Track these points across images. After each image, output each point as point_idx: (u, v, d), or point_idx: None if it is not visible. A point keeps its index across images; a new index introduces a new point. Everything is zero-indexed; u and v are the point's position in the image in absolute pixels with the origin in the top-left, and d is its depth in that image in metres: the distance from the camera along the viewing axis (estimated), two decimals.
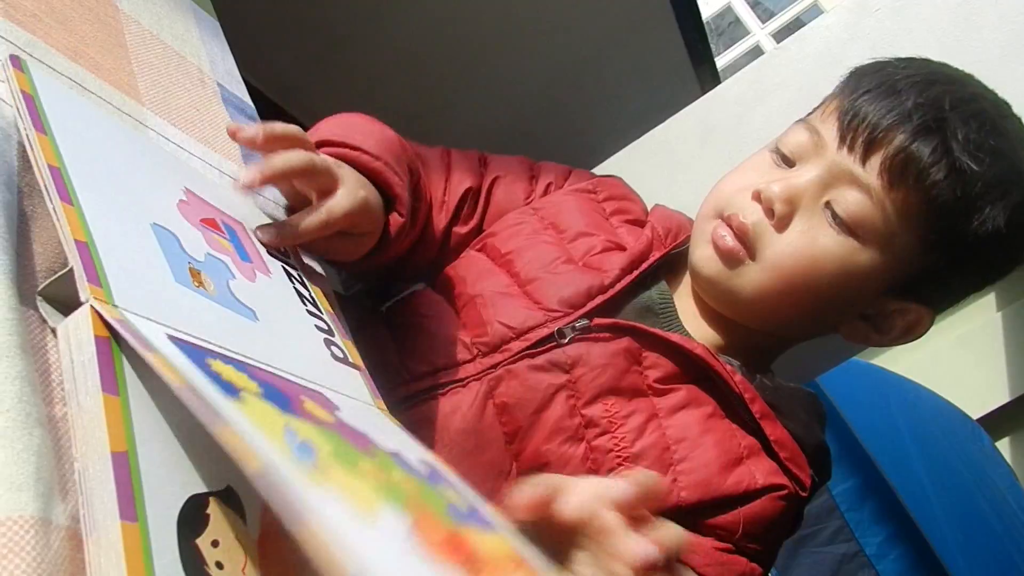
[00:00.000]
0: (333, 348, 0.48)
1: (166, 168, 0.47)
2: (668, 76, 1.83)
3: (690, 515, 0.60)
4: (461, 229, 0.74)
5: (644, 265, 0.68)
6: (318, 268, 0.56)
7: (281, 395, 0.36)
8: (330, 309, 0.53)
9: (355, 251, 0.58)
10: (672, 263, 0.72)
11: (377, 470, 0.35)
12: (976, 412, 2.84)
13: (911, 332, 0.66)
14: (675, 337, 0.63)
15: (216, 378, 0.32)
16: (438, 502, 0.36)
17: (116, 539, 0.27)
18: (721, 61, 5.55)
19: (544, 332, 0.64)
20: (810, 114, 0.69)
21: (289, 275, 0.51)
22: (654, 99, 1.62)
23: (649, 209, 0.78)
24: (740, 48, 5.93)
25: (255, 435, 0.29)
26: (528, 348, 0.63)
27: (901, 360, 2.88)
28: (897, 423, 2.44)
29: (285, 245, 0.52)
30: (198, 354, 0.33)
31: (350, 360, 0.49)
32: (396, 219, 0.61)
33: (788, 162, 0.65)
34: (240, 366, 0.36)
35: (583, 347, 0.63)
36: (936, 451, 2.46)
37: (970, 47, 1.07)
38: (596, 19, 1.70)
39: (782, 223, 0.62)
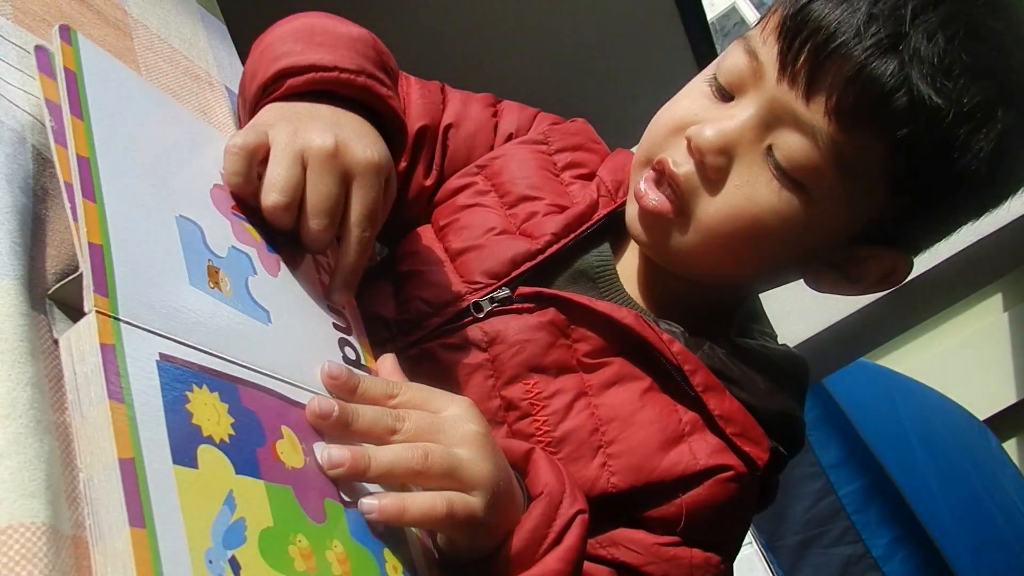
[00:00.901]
0: (347, 349, 0.48)
1: (208, 147, 0.46)
2: (673, 77, 1.82)
3: (625, 506, 0.55)
4: (424, 180, 0.66)
5: (583, 227, 0.60)
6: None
7: (257, 430, 0.36)
8: (353, 302, 0.52)
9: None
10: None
11: (308, 551, 0.34)
12: (983, 413, 2.82)
13: (888, 279, 0.58)
14: (601, 306, 0.57)
15: (181, 425, 0.31)
16: None
17: (124, 546, 0.27)
18: None
19: (461, 305, 0.58)
20: (755, 26, 0.58)
21: (319, 265, 0.50)
22: (659, 100, 1.62)
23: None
24: None
25: (172, 539, 0.28)
26: (444, 324, 0.58)
27: (907, 361, 2.87)
28: (904, 424, 2.43)
29: (354, 290, 0.49)
30: (182, 380, 0.33)
31: (362, 362, 0.49)
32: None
33: (725, 95, 0.55)
34: (229, 391, 0.35)
35: (502, 322, 0.57)
36: (943, 452, 2.45)
37: None
38: (601, 21, 1.70)
39: (716, 177, 0.53)
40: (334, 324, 0.48)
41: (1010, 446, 2.98)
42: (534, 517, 0.46)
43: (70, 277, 0.35)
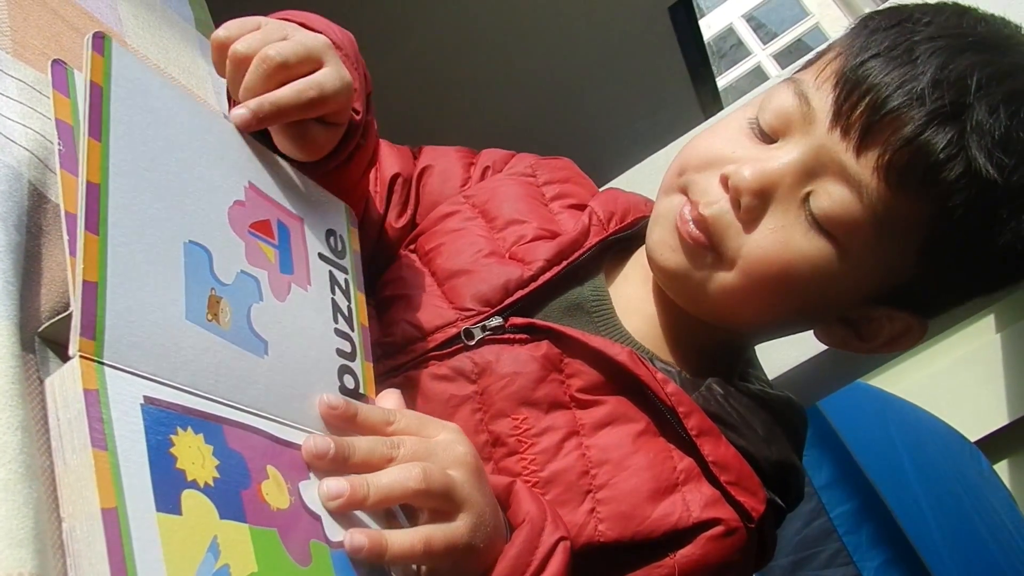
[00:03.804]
0: (346, 378, 0.47)
1: (235, 160, 0.46)
2: (670, 97, 1.83)
3: (613, 561, 0.53)
4: (396, 222, 0.66)
5: (575, 255, 0.59)
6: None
7: (242, 473, 0.36)
8: (365, 321, 0.51)
9: (325, 144, 0.51)
10: (619, 251, 0.63)
11: None
12: (974, 435, 2.83)
13: (898, 342, 0.56)
14: (595, 341, 0.55)
15: (165, 471, 0.31)
16: None
17: None
18: (722, 82, 5.58)
19: (451, 332, 0.56)
20: (805, 67, 0.57)
21: (334, 283, 0.50)
22: (656, 121, 1.62)
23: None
24: (741, 69, 5.96)
25: None
26: (433, 349, 0.56)
27: (899, 381, 2.88)
28: (896, 446, 2.43)
29: (266, 122, 0.47)
30: (167, 423, 0.33)
31: (360, 391, 0.48)
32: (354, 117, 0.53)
33: (767, 137, 0.54)
34: (214, 431, 0.35)
35: (493, 352, 0.55)
36: (934, 474, 2.45)
37: None
38: (598, 42, 1.71)
39: (750, 218, 0.52)
40: (338, 350, 0.48)
41: (1001, 468, 2.99)
42: (517, 544, 0.46)
43: (59, 316, 0.34)
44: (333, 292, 0.49)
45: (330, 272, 0.50)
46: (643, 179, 1.29)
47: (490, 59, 1.68)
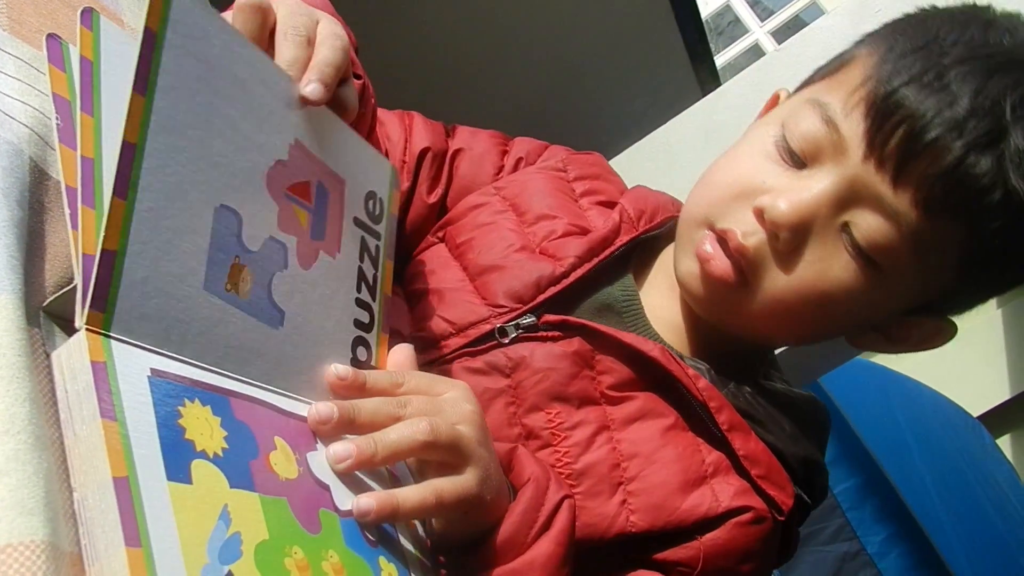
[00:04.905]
0: (359, 350, 0.47)
1: (285, 116, 0.43)
2: (668, 75, 1.82)
3: (643, 547, 0.54)
4: (427, 198, 0.66)
5: (606, 252, 0.59)
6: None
7: (250, 443, 0.36)
8: (389, 290, 0.51)
9: (355, 101, 0.50)
10: (646, 249, 0.64)
11: (304, 562, 0.34)
12: (977, 409, 2.84)
13: (928, 341, 0.58)
14: (628, 338, 0.56)
15: (174, 441, 0.31)
16: None
17: (121, 567, 0.27)
18: (720, 60, 5.56)
19: (485, 328, 0.57)
20: (826, 75, 0.57)
21: (364, 250, 0.49)
22: (654, 99, 1.62)
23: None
24: (739, 46, 5.93)
25: (169, 558, 0.28)
26: (467, 346, 0.57)
27: (901, 358, 2.88)
28: (898, 421, 2.44)
29: (332, 88, 0.45)
30: (174, 396, 0.33)
31: (372, 363, 0.48)
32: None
33: (796, 160, 0.53)
34: (221, 404, 0.35)
35: (527, 348, 0.56)
36: (937, 449, 2.46)
37: None
38: (595, 19, 1.70)
39: (788, 250, 0.53)
40: (356, 321, 0.47)
41: (1004, 442, 3.00)
42: (523, 502, 0.47)
43: (64, 290, 0.34)
44: (361, 259, 0.48)
45: (362, 238, 0.49)
46: (642, 157, 1.28)
47: (489, 37, 1.68)
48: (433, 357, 0.57)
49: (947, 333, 0.58)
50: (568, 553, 0.48)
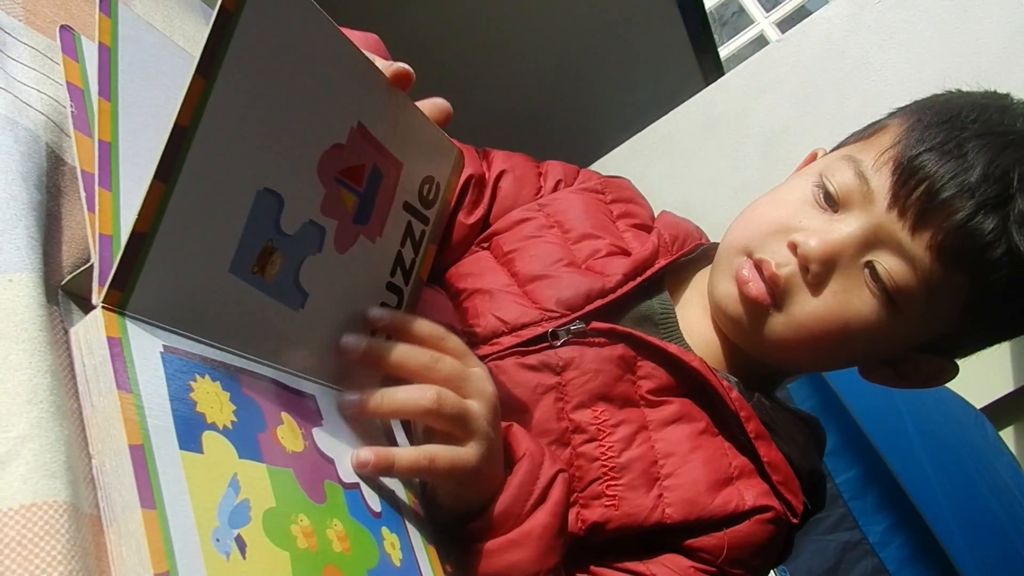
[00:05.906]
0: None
1: (352, 96, 0.42)
2: (672, 66, 1.83)
3: (673, 534, 0.59)
4: (467, 219, 0.71)
5: (648, 272, 0.65)
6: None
7: (258, 417, 0.37)
8: (425, 275, 0.52)
9: None
10: (676, 271, 0.70)
11: (310, 530, 0.36)
12: (980, 401, 2.84)
13: (933, 380, 0.66)
14: (672, 348, 0.61)
15: (186, 413, 0.33)
16: (361, 566, 0.38)
17: (137, 526, 0.28)
18: (725, 51, 5.54)
19: (538, 331, 0.61)
20: (860, 139, 0.65)
21: (408, 235, 0.49)
22: (658, 89, 1.62)
23: (656, 214, 0.76)
24: (744, 37, 5.91)
25: (182, 519, 0.30)
26: (519, 345, 0.61)
27: None
28: (901, 412, 2.44)
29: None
30: (186, 371, 0.35)
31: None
32: None
33: (832, 202, 0.61)
34: (230, 380, 0.37)
35: (576, 350, 0.61)
36: (939, 440, 2.46)
37: (971, 39, 1.08)
38: (598, 10, 1.70)
39: (816, 282, 0.59)
40: (383, 305, 0.48)
41: (1006, 434, 3.00)
42: (519, 475, 0.51)
43: (81, 268, 0.36)
44: (403, 244, 0.49)
45: (408, 223, 0.49)
46: (644, 148, 1.29)
47: (492, 30, 1.68)
48: (484, 353, 0.61)
49: (949, 373, 0.66)
50: (563, 524, 0.51)
